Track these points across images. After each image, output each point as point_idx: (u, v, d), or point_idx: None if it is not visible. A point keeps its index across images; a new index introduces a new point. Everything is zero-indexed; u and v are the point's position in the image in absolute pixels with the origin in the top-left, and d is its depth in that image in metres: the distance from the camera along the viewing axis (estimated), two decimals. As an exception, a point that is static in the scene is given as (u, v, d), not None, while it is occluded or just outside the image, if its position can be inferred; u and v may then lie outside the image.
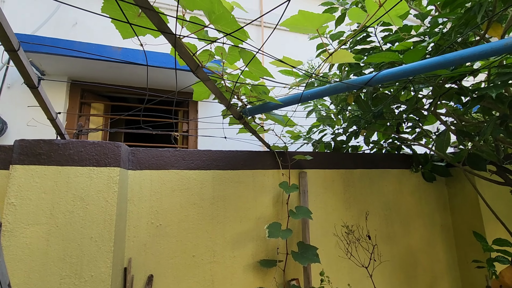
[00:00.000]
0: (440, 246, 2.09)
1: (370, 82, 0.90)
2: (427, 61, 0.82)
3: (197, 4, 0.64)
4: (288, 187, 1.66)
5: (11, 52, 0.83)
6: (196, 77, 0.83)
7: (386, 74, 0.88)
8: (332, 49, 1.69)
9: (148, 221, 1.50)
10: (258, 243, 1.66)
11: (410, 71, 0.86)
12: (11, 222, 1.16)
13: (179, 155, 1.63)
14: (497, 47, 0.75)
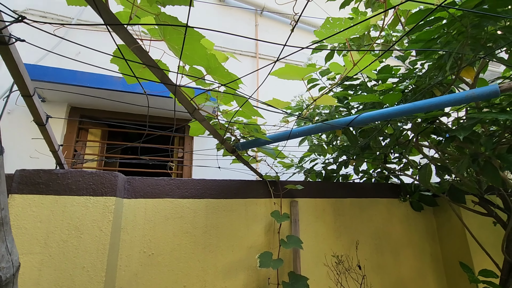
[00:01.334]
0: (430, 276, 2.11)
1: (351, 124, 0.99)
2: (400, 107, 0.92)
3: (195, 61, 0.73)
4: (280, 216, 1.70)
5: (27, 97, 0.90)
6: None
7: (366, 117, 0.98)
8: (321, 84, 1.82)
9: (140, 249, 1.51)
10: (250, 273, 1.67)
11: (386, 115, 0.96)
12: (5, 251, 1.18)
13: (174, 184, 1.68)
14: (459, 97, 0.85)
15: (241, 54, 3.98)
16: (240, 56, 3.98)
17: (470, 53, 1.17)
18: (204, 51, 0.68)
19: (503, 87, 0.79)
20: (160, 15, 0.62)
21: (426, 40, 1.13)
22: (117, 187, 1.42)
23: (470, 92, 0.83)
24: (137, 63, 0.70)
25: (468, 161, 1.11)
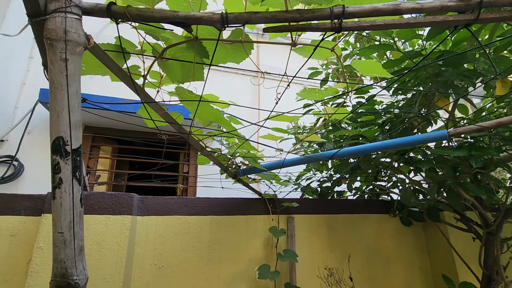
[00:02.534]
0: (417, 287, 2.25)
1: (333, 157, 1.19)
2: (370, 145, 1.11)
3: (205, 117, 0.93)
4: (277, 232, 1.88)
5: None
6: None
7: (345, 151, 1.17)
8: (316, 108, 2.03)
9: (152, 262, 1.69)
10: (250, 284, 1.83)
11: (362, 151, 1.15)
12: (38, 264, 1.37)
13: (182, 202, 1.87)
14: (417, 139, 1.04)
15: (243, 74, 4.23)
16: (242, 75, 4.22)
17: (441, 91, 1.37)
18: (212, 110, 0.88)
19: (451, 133, 0.98)
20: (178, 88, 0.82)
21: (400, 82, 1.33)
22: (133, 207, 1.62)
23: (426, 135, 1.01)
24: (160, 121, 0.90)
25: (436, 188, 1.29)
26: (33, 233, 1.46)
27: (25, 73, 3.23)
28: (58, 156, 0.51)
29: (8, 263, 1.45)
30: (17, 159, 2.85)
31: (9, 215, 1.51)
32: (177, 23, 0.51)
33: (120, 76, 0.73)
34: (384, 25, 0.51)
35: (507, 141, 1.16)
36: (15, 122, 3.03)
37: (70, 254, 0.54)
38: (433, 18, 0.50)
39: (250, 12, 0.49)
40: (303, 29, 0.54)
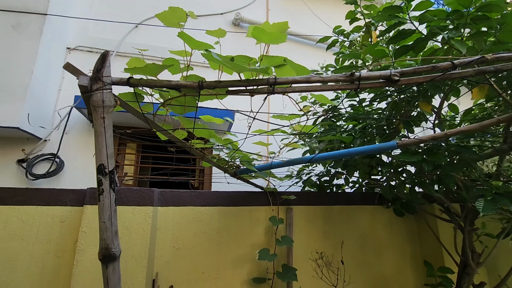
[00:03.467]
0: (410, 273, 2.47)
1: (311, 161, 1.43)
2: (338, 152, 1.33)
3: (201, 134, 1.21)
4: (276, 221, 2.16)
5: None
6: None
7: (320, 156, 1.40)
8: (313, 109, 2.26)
9: (170, 245, 2.04)
10: (252, 264, 2.15)
11: (333, 156, 1.39)
12: (83, 244, 1.76)
13: (194, 195, 2.20)
14: (372, 148, 1.25)
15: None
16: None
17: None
18: (205, 131, 1.16)
19: (399, 143, 1.18)
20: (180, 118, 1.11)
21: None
22: (154, 199, 1.97)
23: (379, 145, 1.23)
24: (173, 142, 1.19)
25: (402, 185, 1.49)
26: (78, 220, 1.85)
27: (60, 80, 3.67)
28: (101, 175, 0.82)
29: (59, 243, 1.86)
30: (58, 156, 3.32)
31: (59, 205, 1.91)
32: (171, 87, 0.79)
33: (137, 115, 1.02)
34: (300, 89, 0.75)
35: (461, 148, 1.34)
36: (55, 124, 3.49)
37: (110, 235, 0.85)
38: (331, 86, 0.74)
39: (217, 81, 0.76)
40: (252, 92, 0.80)
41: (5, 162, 3.25)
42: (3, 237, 1.78)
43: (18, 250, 1.79)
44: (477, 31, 1.21)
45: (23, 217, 1.84)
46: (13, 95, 2.97)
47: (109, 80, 0.77)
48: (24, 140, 3.33)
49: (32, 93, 3.07)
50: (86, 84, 0.76)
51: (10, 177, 3.22)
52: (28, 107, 3.03)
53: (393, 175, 1.63)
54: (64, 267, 1.81)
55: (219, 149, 1.48)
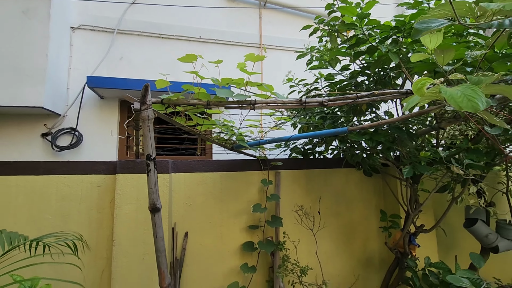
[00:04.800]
0: (373, 219, 3.11)
1: (289, 139, 1.90)
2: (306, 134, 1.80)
3: (209, 127, 1.67)
4: (267, 182, 2.72)
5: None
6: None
7: (295, 136, 1.87)
8: (299, 90, 2.70)
9: (183, 202, 2.62)
10: (248, 216, 2.76)
11: (304, 136, 1.86)
12: (118, 202, 2.31)
13: (200, 164, 2.72)
14: (329, 132, 1.71)
15: (248, 46, 4.73)
16: (247, 47, 4.73)
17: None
18: (210, 122, 1.61)
19: (350, 129, 1.65)
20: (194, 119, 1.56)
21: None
22: (169, 168, 2.49)
23: (335, 130, 1.69)
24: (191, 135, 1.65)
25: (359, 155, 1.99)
26: (111, 184, 2.39)
27: (69, 59, 3.98)
28: (148, 160, 1.30)
29: (99, 202, 2.42)
30: (77, 130, 3.78)
31: (95, 174, 2.43)
32: (188, 104, 1.23)
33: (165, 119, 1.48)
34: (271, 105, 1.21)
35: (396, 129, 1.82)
36: (70, 101, 3.89)
37: (155, 196, 1.37)
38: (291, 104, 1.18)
39: (218, 100, 1.20)
40: (241, 107, 1.25)
41: (31, 136, 3.72)
42: (57, 198, 2.34)
43: (69, 208, 2.36)
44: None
45: (69, 183, 2.38)
46: (33, 78, 3.33)
47: (150, 102, 1.21)
48: (45, 116, 3.75)
49: (49, 74, 3.43)
50: (138, 107, 1.21)
51: (37, 149, 3.71)
52: (48, 87, 3.41)
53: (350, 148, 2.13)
54: (105, 219, 2.39)
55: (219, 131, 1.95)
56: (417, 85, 0.74)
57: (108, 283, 2.29)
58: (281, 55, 4.82)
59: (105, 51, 4.06)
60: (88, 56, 4.04)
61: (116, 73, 4.03)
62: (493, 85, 0.75)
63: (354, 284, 2.79)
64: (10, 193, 2.26)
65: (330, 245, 2.93)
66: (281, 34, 4.89)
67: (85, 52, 4.04)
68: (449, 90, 0.67)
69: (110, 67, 4.08)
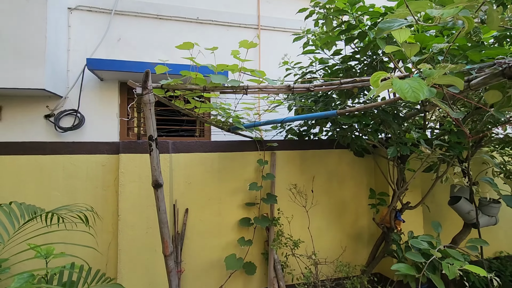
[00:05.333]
0: (363, 197, 3.28)
1: (283, 121, 2.01)
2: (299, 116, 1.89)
3: (205, 110, 1.77)
4: (263, 162, 2.86)
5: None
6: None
7: (288, 118, 1.98)
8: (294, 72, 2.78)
9: (183, 180, 2.77)
10: (245, 194, 2.92)
11: (296, 119, 1.96)
12: (122, 180, 2.46)
13: (199, 144, 2.85)
14: (320, 115, 1.82)
15: (245, 27, 4.72)
16: (245, 28, 4.72)
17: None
18: (207, 105, 1.71)
19: (338, 112, 1.75)
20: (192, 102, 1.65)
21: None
22: (169, 148, 2.62)
23: (325, 113, 1.79)
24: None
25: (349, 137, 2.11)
26: (115, 164, 2.53)
27: (67, 41, 4.00)
28: (150, 141, 1.42)
29: (104, 181, 2.56)
30: (79, 112, 3.88)
31: (99, 154, 2.57)
32: (187, 89, 1.33)
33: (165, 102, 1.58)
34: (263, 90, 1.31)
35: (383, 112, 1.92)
36: (70, 83, 3.96)
37: (157, 173, 1.50)
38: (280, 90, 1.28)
39: (213, 86, 1.30)
40: (235, 92, 1.35)
41: (34, 117, 3.82)
42: (64, 177, 2.48)
43: (76, 186, 2.51)
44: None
45: (75, 162, 2.51)
46: (34, 60, 3.39)
47: (151, 87, 1.31)
48: (46, 98, 3.84)
49: (48, 56, 3.48)
50: (140, 91, 1.31)
51: (41, 130, 3.83)
52: (48, 69, 3.47)
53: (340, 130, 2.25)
54: (110, 196, 2.55)
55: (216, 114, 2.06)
56: (374, 78, 0.85)
57: (115, 254, 2.48)
58: (279, 36, 4.82)
59: (103, 32, 4.07)
60: (87, 37, 4.06)
61: (115, 54, 4.07)
62: (444, 76, 0.85)
63: (341, 255, 3.00)
64: (20, 171, 2.40)
65: (322, 221, 3.11)
66: (280, 15, 4.87)
67: (83, 33, 4.06)
68: (399, 82, 0.77)
69: (108, 48, 4.11)
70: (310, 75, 2.84)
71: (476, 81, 1.32)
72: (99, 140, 2.60)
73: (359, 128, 2.07)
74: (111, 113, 4.08)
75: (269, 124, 2.11)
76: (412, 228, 3.00)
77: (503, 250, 3.70)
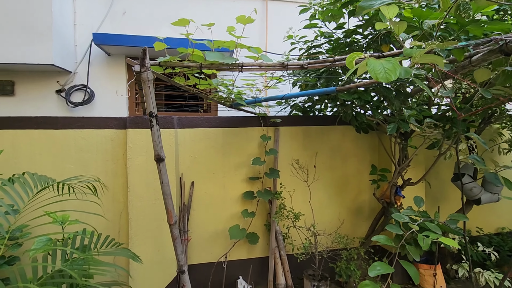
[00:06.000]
0: (366, 174, 3.31)
1: (283, 98, 2.00)
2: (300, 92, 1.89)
3: (206, 87, 1.79)
4: (266, 138, 2.90)
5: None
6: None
7: (289, 95, 1.97)
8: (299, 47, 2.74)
9: (189, 155, 2.86)
10: (249, 168, 3.00)
11: (297, 95, 1.96)
12: (130, 153, 2.57)
13: (204, 120, 2.90)
14: (321, 91, 1.80)
15: None
16: (251, 0, 4.56)
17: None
18: (207, 82, 1.73)
19: (338, 89, 1.73)
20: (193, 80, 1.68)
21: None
22: (174, 123, 2.68)
23: (324, 89, 1.78)
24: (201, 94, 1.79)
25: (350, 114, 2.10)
26: (123, 138, 2.63)
27: (73, 15, 3.99)
28: (151, 117, 1.48)
29: (113, 154, 2.68)
30: (89, 87, 3.96)
31: (107, 129, 2.66)
32: (184, 66, 1.35)
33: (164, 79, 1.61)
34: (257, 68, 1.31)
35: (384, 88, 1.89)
36: (78, 57, 4.01)
37: (159, 148, 1.57)
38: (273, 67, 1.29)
39: (210, 63, 1.31)
40: (231, 69, 1.36)
41: (46, 92, 3.93)
42: (76, 150, 2.61)
43: (87, 159, 2.64)
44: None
45: (85, 136, 2.63)
46: (41, 35, 3.42)
47: (148, 65, 1.34)
48: (56, 73, 3.92)
49: (55, 30, 3.51)
50: (138, 69, 1.35)
51: (53, 104, 3.95)
52: (56, 44, 3.51)
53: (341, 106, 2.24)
54: (120, 169, 2.68)
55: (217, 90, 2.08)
56: (349, 59, 0.85)
57: (126, 222, 2.66)
58: (288, 7, 4.64)
59: (108, 6, 4.03)
60: (92, 11, 4.03)
61: (120, 28, 4.06)
62: (425, 55, 0.84)
63: (341, 228, 3.11)
64: (35, 145, 2.53)
65: (324, 195, 3.20)
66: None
67: (88, 7, 4.03)
68: (373, 63, 0.77)
69: (114, 23, 4.09)
70: (316, 49, 2.78)
71: (476, 58, 1.29)
72: (108, 115, 2.68)
73: (360, 105, 2.06)
74: (119, 88, 4.14)
75: (270, 100, 2.13)
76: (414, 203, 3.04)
77: (506, 226, 3.73)
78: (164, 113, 4.19)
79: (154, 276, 2.59)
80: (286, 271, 2.88)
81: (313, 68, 1.32)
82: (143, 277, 2.55)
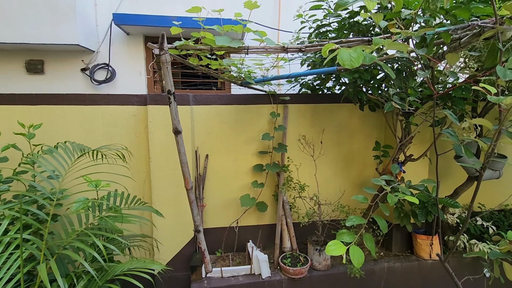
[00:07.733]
0: (371, 150, 3.45)
1: (289, 77, 2.16)
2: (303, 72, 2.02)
3: (220, 66, 1.97)
4: (275, 115, 3.09)
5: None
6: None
7: (293, 74, 2.12)
8: (309, 26, 2.83)
9: (204, 130, 3.11)
10: (259, 143, 3.22)
11: (302, 74, 2.10)
12: (151, 128, 2.84)
13: (217, 97, 3.10)
14: (323, 70, 1.93)
15: None
16: None
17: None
18: (217, 63, 1.91)
19: (338, 68, 1.85)
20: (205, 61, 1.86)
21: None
22: (189, 101, 2.91)
23: (325, 69, 1.91)
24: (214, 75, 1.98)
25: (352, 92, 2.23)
26: (144, 114, 2.89)
27: (94, -5, 4.18)
28: (169, 95, 1.70)
29: (136, 128, 2.96)
30: (110, 66, 4.22)
31: (130, 105, 2.93)
32: (196, 49, 1.53)
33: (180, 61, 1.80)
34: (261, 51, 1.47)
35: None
36: (100, 37, 4.24)
37: (176, 122, 1.80)
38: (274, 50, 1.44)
39: (218, 47, 1.49)
40: (238, 52, 1.53)
41: (73, 71, 4.23)
42: (103, 124, 2.91)
43: (113, 132, 2.93)
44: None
45: (111, 112, 2.91)
46: (65, 16, 3.66)
47: (166, 48, 1.54)
48: (80, 52, 4.19)
49: (78, 11, 3.73)
50: (157, 52, 1.55)
51: (80, 82, 4.26)
52: (79, 24, 3.75)
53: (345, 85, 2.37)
54: (142, 141, 2.97)
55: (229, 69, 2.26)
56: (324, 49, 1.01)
57: (149, 189, 2.99)
58: None
59: (126, -13, 4.18)
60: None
61: (139, 8, 4.22)
62: (393, 43, 0.97)
63: (344, 200, 3.32)
64: (68, 119, 2.84)
65: (329, 169, 3.39)
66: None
67: (107, -12, 4.19)
68: (343, 52, 0.93)
69: (132, 2, 4.25)
70: (326, 28, 2.86)
71: (464, 40, 1.40)
72: (129, 93, 2.94)
73: (360, 84, 2.18)
74: (139, 66, 4.38)
75: (277, 79, 2.29)
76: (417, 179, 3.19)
77: (509, 204, 3.81)
78: (180, 90, 4.42)
79: (174, 236, 2.94)
80: (291, 236, 3.16)
81: (310, 51, 1.47)
82: (165, 237, 2.91)
